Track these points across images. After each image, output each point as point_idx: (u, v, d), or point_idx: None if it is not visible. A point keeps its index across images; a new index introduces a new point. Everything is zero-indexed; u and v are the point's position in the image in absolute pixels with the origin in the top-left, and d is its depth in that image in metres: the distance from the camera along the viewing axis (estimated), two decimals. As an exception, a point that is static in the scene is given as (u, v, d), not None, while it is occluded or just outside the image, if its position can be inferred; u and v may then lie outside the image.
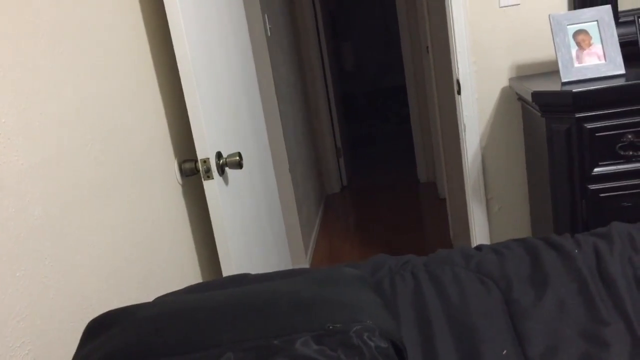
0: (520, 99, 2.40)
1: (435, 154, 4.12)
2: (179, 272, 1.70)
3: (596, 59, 2.08)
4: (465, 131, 2.51)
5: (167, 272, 1.61)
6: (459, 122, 2.57)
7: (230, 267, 1.78)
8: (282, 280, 1.10)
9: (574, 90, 1.93)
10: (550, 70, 2.38)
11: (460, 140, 2.58)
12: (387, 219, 4.04)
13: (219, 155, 1.77)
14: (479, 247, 1.40)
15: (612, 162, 2.00)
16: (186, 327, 0.88)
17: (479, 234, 2.61)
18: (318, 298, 0.94)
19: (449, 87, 3.07)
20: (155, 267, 1.54)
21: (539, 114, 2.08)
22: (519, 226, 2.59)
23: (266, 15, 3.08)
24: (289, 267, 2.54)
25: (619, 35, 2.10)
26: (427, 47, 3.63)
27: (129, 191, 1.43)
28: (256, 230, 2.12)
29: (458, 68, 2.44)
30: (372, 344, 0.86)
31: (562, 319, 1.08)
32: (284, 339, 0.84)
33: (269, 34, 3.11)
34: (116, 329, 0.91)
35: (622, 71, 2.04)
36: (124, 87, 1.49)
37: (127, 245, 1.38)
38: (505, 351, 1.00)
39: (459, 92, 2.49)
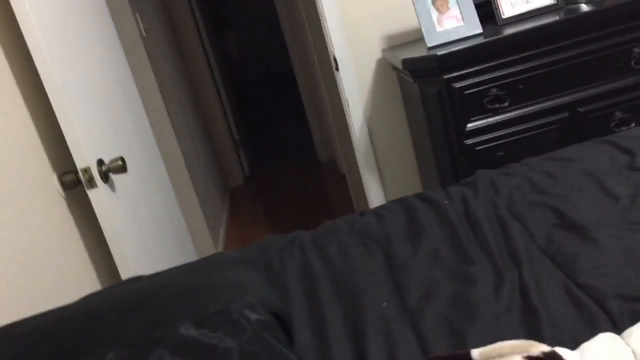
0: (395, 68, 2.50)
1: (330, 133, 4.21)
2: (75, 284, 1.65)
3: (455, 21, 2.20)
4: (348, 106, 2.59)
5: (62, 286, 1.57)
6: (341, 98, 2.64)
7: (128, 271, 1.76)
8: (169, 273, 1.11)
9: (438, 54, 2.04)
10: (418, 37, 2.49)
11: (346, 116, 2.66)
12: (294, 203, 4.09)
13: (100, 162, 1.73)
14: (362, 213, 1.46)
15: (482, 116, 2.13)
16: (65, 335, 0.87)
17: (376, 202, 2.71)
18: (197, 284, 0.96)
19: (329, 65, 3.14)
20: (48, 284, 1.49)
21: (411, 80, 2.18)
22: (411, 189, 2.71)
23: (137, 15, 3.01)
24: (196, 263, 2.52)
25: (473, -3, 2.23)
26: (307, 29, 3.68)
27: (4, 212, 1.38)
28: (154, 232, 2.09)
29: (332, 45, 2.50)
30: (253, 317, 0.89)
31: (435, 266, 1.16)
32: (165, 329, 0.85)
33: (144, 34, 3.05)
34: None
35: (480, 30, 2.17)
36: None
37: (11, 267, 1.33)
38: (384, 303, 1.06)
39: (337, 69, 2.56)
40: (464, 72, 2.08)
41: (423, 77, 2.14)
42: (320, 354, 0.99)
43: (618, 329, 0.89)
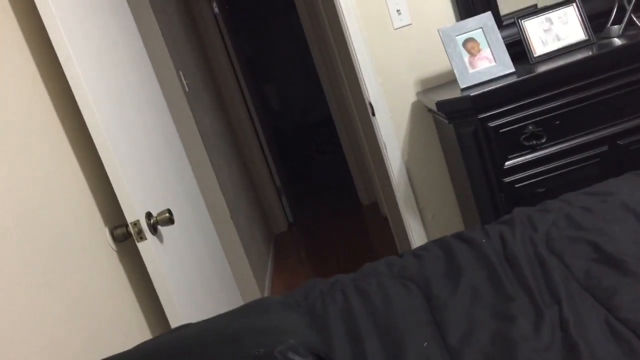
0: (430, 110, 2.54)
1: (371, 176, 4.25)
2: (125, 334, 1.72)
3: (487, 62, 2.24)
4: (386, 149, 2.63)
5: (113, 335, 1.63)
6: (379, 142, 2.69)
7: (177, 320, 1.81)
8: (214, 320, 1.15)
9: (471, 95, 2.08)
10: (451, 79, 2.53)
11: (384, 159, 2.70)
12: (338, 247, 4.12)
13: (148, 215, 1.81)
14: (401, 255, 1.49)
15: (520, 153, 2.14)
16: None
17: (418, 244, 2.72)
18: (242, 329, 1.00)
19: (365, 111, 3.20)
20: (102, 335, 1.56)
21: (447, 121, 2.22)
22: (453, 229, 2.71)
23: (181, 73, 3.16)
24: (243, 310, 2.57)
25: (503, 37, 2.27)
26: (343, 77, 3.78)
27: (59, 268, 1.46)
28: (201, 280, 2.15)
29: (368, 91, 2.57)
30: (296, 359, 0.92)
31: (474, 305, 1.17)
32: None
33: (187, 90, 3.19)
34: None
35: (512, 69, 2.20)
36: (38, 166, 1.52)
37: (63, 319, 1.40)
38: (425, 343, 1.08)
39: (373, 114, 2.62)
40: (498, 111, 2.11)
41: (458, 118, 2.17)
42: (364, 394, 1.01)
43: (661, 362, 0.89)
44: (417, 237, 2.72)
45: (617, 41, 2.18)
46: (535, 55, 2.27)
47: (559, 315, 1.05)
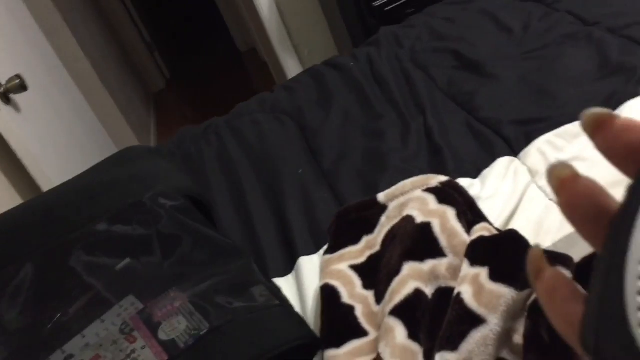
0: (293, -63, 2.38)
1: (245, 21, 4.06)
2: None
3: None
4: (253, -14, 2.48)
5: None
6: (244, -21, 2.52)
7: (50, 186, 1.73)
8: (71, 180, 1.08)
9: None
10: None
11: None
12: (221, 98, 4.01)
13: (-4, 84, 1.63)
14: (272, 90, 1.45)
15: (386, -25, 2.08)
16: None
17: (298, 81, 2.68)
18: (109, 181, 0.95)
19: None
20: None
21: (311, -53, 2.09)
22: (330, 62, 2.68)
23: None
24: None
25: None
26: None
27: None
28: (74, 148, 2.04)
29: None
30: (167, 204, 0.89)
31: (346, 126, 1.17)
32: (80, 231, 0.85)
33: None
34: None
35: None
36: None
37: None
38: (300, 170, 1.08)
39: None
40: None
41: (322, -58, 2.05)
42: (245, 226, 1.01)
43: (515, 152, 0.95)
44: (294, 75, 2.68)
45: None
46: None
47: (424, 125, 1.08)
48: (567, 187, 0.21)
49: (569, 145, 0.88)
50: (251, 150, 1.20)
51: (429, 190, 0.78)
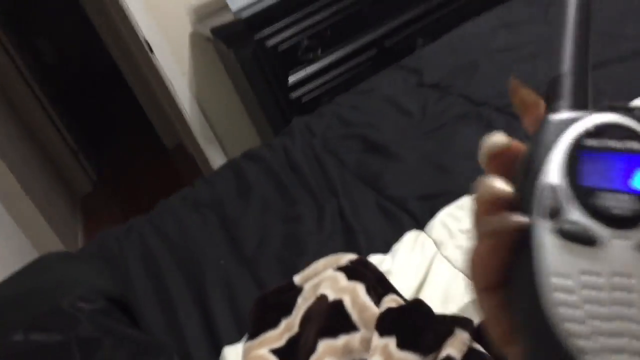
0: (208, 39, 2.50)
1: (169, 117, 4.13)
2: None
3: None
4: (172, 86, 2.56)
5: None
6: (165, 81, 2.60)
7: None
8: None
9: (244, 16, 2.07)
10: (223, 4, 2.49)
11: (173, 97, 2.63)
12: (151, 197, 3.99)
13: None
14: (193, 183, 1.48)
15: (299, 67, 2.20)
16: None
17: (224, 174, 2.73)
18: (25, 290, 0.94)
19: (144, 50, 3.06)
20: None
21: (226, 47, 2.20)
22: (254, 153, 2.76)
23: None
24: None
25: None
26: (118, 21, 3.54)
27: None
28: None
29: (140, 27, 2.45)
30: (87, 308, 0.89)
31: (266, 214, 1.22)
32: (-4, 342, 0.83)
33: None
34: None
35: (279, -14, 2.22)
36: None
37: None
38: (222, 261, 1.10)
39: (151, 51, 2.51)
40: (272, 29, 2.13)
41: (235, 42, 2.16)
42: (170, 323, 1.01)
43: (421, 226, 1.01)
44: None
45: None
46: (297, -30, 2.31)
47: (337, 206, 1.14)
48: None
49: (468, 216, 0.95)
50: (173, 246, 1.22)
51: (340, 268, 0.82)
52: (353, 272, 0.80)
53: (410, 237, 0.97)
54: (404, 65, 1.60)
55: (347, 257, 0.85)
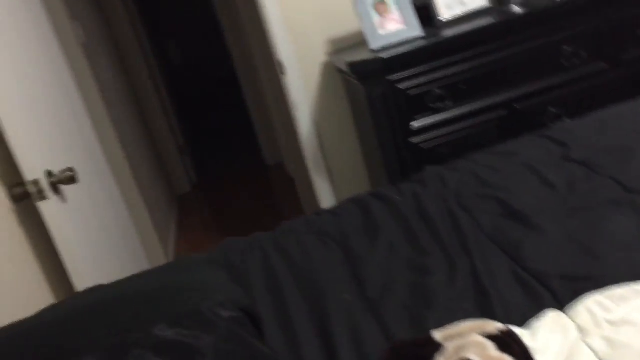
0: (340, 71, 2.56)
1: (277, 136, 4.24)
2: (28, 297, 1.63)
3: (396, 24, 2.28)
4: (296, 109, 2.63)
5: (14, 299, 1.54)
6: (289, 102, 2.68)
7: (84, 282, 1.75)
8: (134, 280, 1.12)
9: (382, 57, 2.11)
10: (361, 41, 2.55)
11: (293, 119, 2.70)
12: (243, 208, 4.10)
13: (49, 173, 1.71)
14: (318, 213, 1.51)
15: (425, 115, 2.22)
16: (39, 343, 0.88)
17: (326, 203, 2.76)
18: (166, 286, 0.99)
19: (275, 70, 3.17)
20: (1, 299, 1.47)
21: (358, 83, 2.25)
22: (360, 188, 2.78)
23: (78, 24, 2.96)
24: (149, 272, 2.51)
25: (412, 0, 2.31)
26: (249, 34, 3.70)
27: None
28: (106, 242, 2.08)
29: (278, 50, 2.54)
30: (225, 315, 0.92)
31: (392, 258, 1.22)
32: (140, 331, 0.87)
33: (84, 40, 3.00)
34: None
35: (420, 33, 2.25)
36: None
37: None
38: (345, 295, 1.11)
39: (283, 73, 2.60)
40: (407, 73, 2.16)
41: (368, 79, 2.20)
42: (290, 345, 1.03)
43: (561, 306, 0.98)
44: (325, 196, 2.77)
45: (517, 9, 2.28)
46: (440, 19, 2.34)
47: (470, 266, 1.12)
48: None
49: (618, 307, 0.92)
50: (296, 268, 1.24)
51: (489, 336, 0.81)
52: (503, 343, 0.79)
53: (552, 317, 0.94)
54: (547, 135, 1.57)
55: (495, 326, 0.83)
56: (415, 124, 2.21)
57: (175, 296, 0.97)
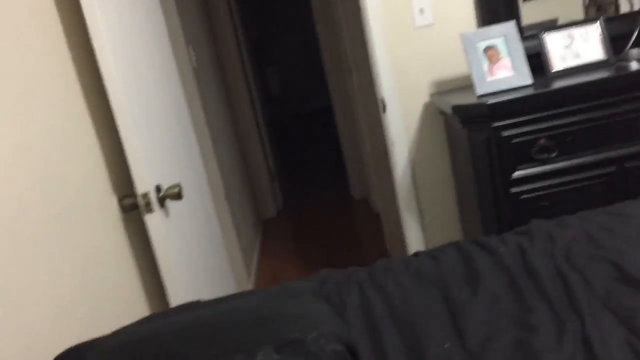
0: (442, 113, 2.55)
1: (366, 171, 4.26)
2: (126, 305, 1.70)
3: (506, 71, 2.25)
4: (393, 147, 2.64)
5: (115, 307, 1.62)
6: (386, 139, 2.70)
7: (177, 296, 1.81)
8: (238, 299, 1.15)
9: (489, 102, 2.09)
10: (466, 84, 2.54)
11: (390, 156, 2.71)
12: (326, 238, 4.13)
13: (158, 188, 1.80)
14: (417, 254, 1.49)
15: (528, 165, 2.16)
16: (154, 352, 0.91)
17: (414, 244, 2.73)
18: (274, 312, 1.00)
19: (374, 105, 3.21)
20: (102, 303, 1.55)
21: (460, 126, 2.23)
22: (451, 233, 2.73)
23: (191, 47, 3.13)
24: (233, 292, 2.57)
25: (524, 49, 2.29)
26: (351, 68, 3.77)
27: (69, 235, 1.44)
28: (199, 258, 2.15)
29: (382, 87, 2.57)
30: (328, 348, 0.92)
31: (495, 311, 1.18)
32: (246, 352, 0.89)
33: (195, 65, 3.16)
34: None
35: (530, 81, 2.22)
36: (55, 132, 1.49)
37: (71, 284, 1.38)
38: (446, 345, 1.09)
39: (384, 110, 2.62)
40: (513, 121, 2.12)
41: (472, 124, 2.18)
42: (385, 389, 1.01)
43: (685, 386, 0.91)
44: (414, 237, 2.74)
45: (635, 64, 2.20)
46: (553, 70, 2.29)
47: (581, 330, 1.07)
48: None
49: None
50: (395, 310, 1.23)
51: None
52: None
53: (674, 396, 0.88)
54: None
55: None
56: (517, 174, 2.16)
57: (282, 322, 0.98)
